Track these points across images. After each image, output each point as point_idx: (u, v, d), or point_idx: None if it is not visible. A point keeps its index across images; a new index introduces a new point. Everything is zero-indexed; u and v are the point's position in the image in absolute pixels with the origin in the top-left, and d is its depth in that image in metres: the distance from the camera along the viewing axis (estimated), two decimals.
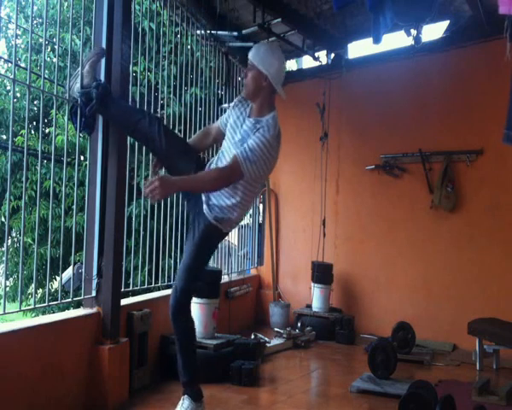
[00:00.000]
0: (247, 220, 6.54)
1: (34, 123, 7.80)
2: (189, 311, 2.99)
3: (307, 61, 7.19)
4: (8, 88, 7.84)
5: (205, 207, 2.86)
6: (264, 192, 6.37)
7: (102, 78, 3.28)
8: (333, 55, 6.09)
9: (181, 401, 2.97)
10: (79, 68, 3.10)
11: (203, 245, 2.94)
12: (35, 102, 7.74)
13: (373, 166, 5.70)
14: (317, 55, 5.91)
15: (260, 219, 6.50)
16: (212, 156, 3.29)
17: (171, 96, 5.42)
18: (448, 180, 5.25)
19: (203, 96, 5.20)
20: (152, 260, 4.27)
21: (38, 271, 7.16)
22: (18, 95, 7.44)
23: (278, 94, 2.87)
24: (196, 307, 4.05)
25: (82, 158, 5.49)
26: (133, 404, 3.29)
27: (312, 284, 5.63)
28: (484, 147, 5.13)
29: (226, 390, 3.69)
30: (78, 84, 3.09)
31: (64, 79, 5.59)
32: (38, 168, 3.24)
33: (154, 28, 4.35)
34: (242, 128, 2.85)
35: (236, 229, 6.74)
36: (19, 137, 6.89)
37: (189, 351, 2.97)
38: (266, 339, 4.92)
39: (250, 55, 2.86)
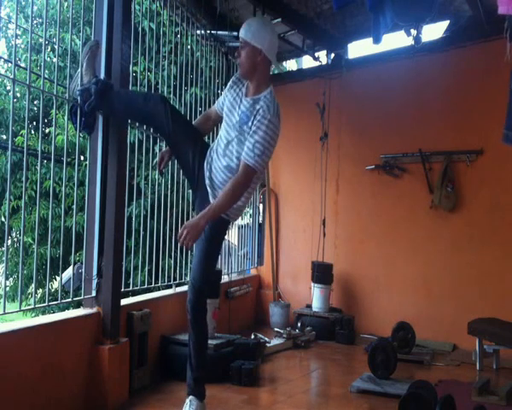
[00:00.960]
0: (246, 220, 6.54)
1: (34, 123, 7.80)
2: (206, 308, 3.02)
3: (307, 61, 7.20)
4: (8, 88, 7.84)
5: (212, 200, 2.84)
6: (264, 192, 6.37)
7: (102, 78, 3.28)
8: (333, 55, 6.09)
9: (188, 403, 2.93)
10: (78, 71, 3.10)
11: (214, 239, 2.94)
12: (35, 102, 7.74)
13: (373, 166, 5.70)
14: (317, 55, 5.92)
15: (260, 219, 6.50)
16: (212, 142, 3.27)
17: (171, 96, 5.42)
18: (448, 180, 5.25)
19: (203, 96, 5.20)
20: (152, 260, 4.27)
21: (38, 271, 7.16)
22: (18, 95, 7.45)
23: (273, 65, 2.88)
24: None
25: (82, 158, 5.49)
26: (133, 404, 3.29)
27: (312, 284, 5.63)
28: (484, 147, 5.12)
29: (226, 390, 3.69)
30: (79, 84, 3.09)
31: (64, 78, 5.59)
32: (38, 168, 3.24)
33: (154, 28, 4.35)
34: (240, 109, 2.82)
35: (236, 229, 6.75)
36: (19, 137, 6.89)
37: (204, 348, 2.99)
38: (266, 339, 4.92)
39: (241, 33, 2.82)
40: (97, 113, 3.24)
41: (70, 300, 3.26)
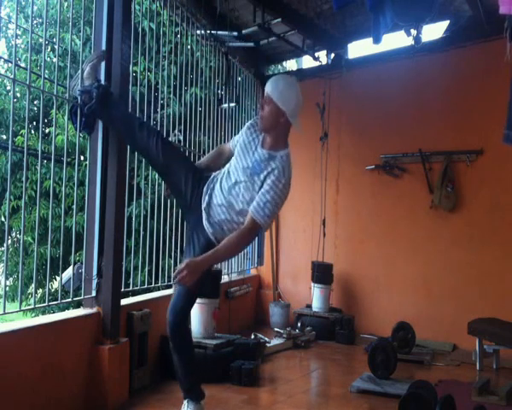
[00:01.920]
0: None
1: (34, 123, 7.79)
2: (188, 326, 3.00)
3: (307, 61, 7.19)
4: (8, 88, 7.83)
5: (205, 224, 2.82)
6: None
7: (102, 78, 3.29)
8: (333, 55, 6.09)
9: (185, 404, 2.92)
10: (79, 71, 3.10)
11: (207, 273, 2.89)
12: (35, 102, 7.74)
13: (373, 166, 5.70)
14: (317, 55, 5.91)
15: None
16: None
17: (171, 96, 5.42)
18: (448, 180, 5.25)
19: (203, 96, 5.20)
20: (152, 260, 4.27)
21: (38, 271, 7.16)
22: (18, 95, 7.44)
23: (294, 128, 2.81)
24: (196, 307, 4.05)
25: (82, 158, 5.49)
26: (133, 404, 3.29)
27: (312, 284, 5.63)
28: (484, 147, 5.12)
29: (226, 390, 3.69)
30: (79, 85, 3.09)
31: (64, 79, 5.59)
32: (38, 168, 3.24)
33: (154, 28, 4.35)
34: (254, 156, 2.77)
35: None
36: (19, 137, 6.88)
37: (189, 362, 2.94)
38: (266, 339, 4.92)
39: (268, 89, 2.75)
40: (96, 116, 3.23)
41: (70, 300, 3.26)
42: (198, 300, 4.02)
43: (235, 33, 5.25)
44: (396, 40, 5.43)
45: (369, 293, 5.71)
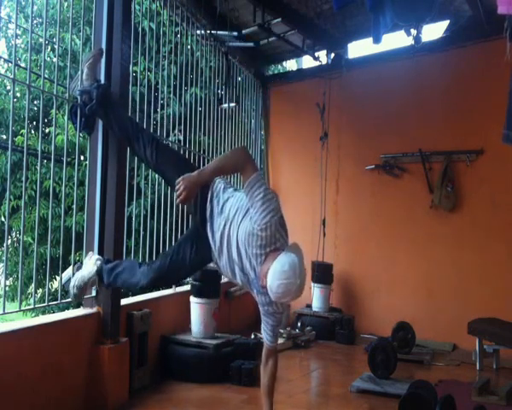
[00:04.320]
0: None
1: (34, 123, 7.79)
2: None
3: (307, 61, 7.19)
4: (8, 88, 7.83)
5: (210, 234, 2.66)
6: None
7: (102, 78, 3.28)
8: (333, 55, 6.09)
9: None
10: (79, 72, 3.10)
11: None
12: (35, 102, 7.73)
13: (373, 166, 5.70)
14: (317, 55, 5.91)
15: None
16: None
17: (171, 96, 5.42)
18: (448, 180, 5.25)
19: (203, 95, 5.19)
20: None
21: (38, 270, 7.15)
22: (18, 95, 7.43)
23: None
24: (196, 307, 4.06)
25: (82, 158, 5.48)
26: (133, 404, 3.29)
27: (312, 284, 5.62)
28: (484, 147, 5.13)
29: (226, 390, 3.68)
30: (79, 86, 3.08)
31: (64, 79, 5.58)
32: (38, 168, 3.24)
33: (154, 28, 4.35)
34: (255, 279, 2.52)
35: None
36: (19, 137, 6.88)
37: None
38: None
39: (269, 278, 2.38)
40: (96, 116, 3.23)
41: (70, 300, 3.25)
42: (198, 300, 4.04)
43: (235, 33, 5.24)
44: (396, 40, 5.44)
45: (369, 293, 5.71)
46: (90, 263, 2.93)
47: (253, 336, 4.88)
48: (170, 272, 2.74)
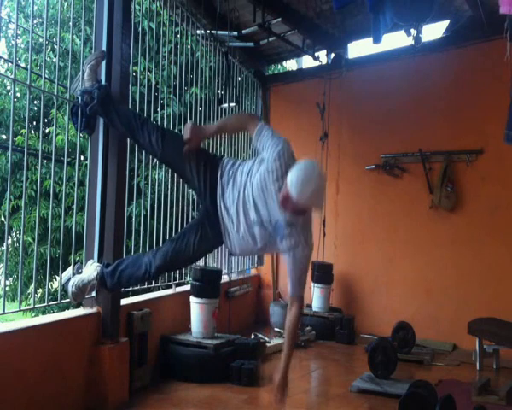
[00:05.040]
0: None
1: (34, 123, 7.79)
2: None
3: (307, 61, 7.18)
4: (9, 88, 7.83)
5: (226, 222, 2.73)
6: None
7: (103, 77, 3.28)
8: (333, 55, 6.09)
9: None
10: (80, 73, 3.10)
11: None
12: (35, 102, 7.73)
13: (373, 166, 5.70)
14: (317, 55, 5.91)
15: None
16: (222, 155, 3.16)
17: (171, 96, 5.42)
18: (448, 180, 5.25)
19: (203, 95, 5.19)
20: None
21: (38, 270, 7.16)
22: (18, 95, 7.44)
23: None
24: (196, 307, 4.06)
25: (82, 158, 5.49)
26: (133, 404, 3.29)
27: (312, 284, 5.62)
28: (484, 147, 5.12)
29: (226, 390, 3.68)
30: (80, 86, 3.08)
31: (64, 79, 5.59)
32: (38, 168, 3.24)
33: (154, 28, 4.35)
34: (275, 213, 2.59)
35: None
36: (19, 137, 6.88)
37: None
38: (266, 339, 4.92)
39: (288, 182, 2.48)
40: (98, 115, 3.23)
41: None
42: (198, 300, 4.04)
43: (235, 33, 5.25)
44: (396, 40, 5.44)
45: (369, 293, 5.71)
46: (91, 268, 2.97)
47: (253, 336, 4.88)
48: (174, 258, 2.81)
